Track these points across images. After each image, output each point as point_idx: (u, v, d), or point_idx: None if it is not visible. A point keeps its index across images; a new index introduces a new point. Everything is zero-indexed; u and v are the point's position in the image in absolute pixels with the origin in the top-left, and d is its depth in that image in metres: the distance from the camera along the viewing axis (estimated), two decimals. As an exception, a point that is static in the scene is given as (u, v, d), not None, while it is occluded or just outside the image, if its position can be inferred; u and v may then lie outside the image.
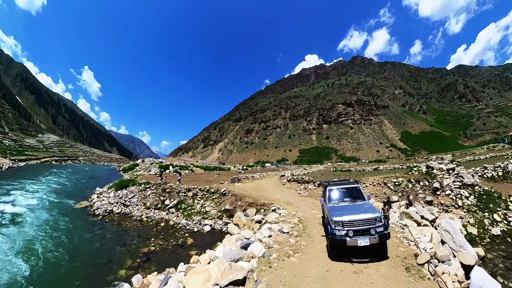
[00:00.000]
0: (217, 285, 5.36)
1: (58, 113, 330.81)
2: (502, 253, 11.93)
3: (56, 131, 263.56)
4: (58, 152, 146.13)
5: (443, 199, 17.48)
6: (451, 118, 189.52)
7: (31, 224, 15.86)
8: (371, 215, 7.52)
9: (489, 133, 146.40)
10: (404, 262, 7.49)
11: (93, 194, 27.23)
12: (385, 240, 7.41)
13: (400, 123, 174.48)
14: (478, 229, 14.36)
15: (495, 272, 10.11)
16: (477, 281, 4.95)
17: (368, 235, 7.22)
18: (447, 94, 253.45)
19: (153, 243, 13.94)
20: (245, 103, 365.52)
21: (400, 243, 9.11)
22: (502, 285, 8.97)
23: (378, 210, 7.75)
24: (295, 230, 10.47)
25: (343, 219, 7.60)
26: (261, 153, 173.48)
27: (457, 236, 10.19)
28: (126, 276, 10.47)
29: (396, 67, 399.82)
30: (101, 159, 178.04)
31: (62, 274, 10.68)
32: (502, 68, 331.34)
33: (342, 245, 7.35)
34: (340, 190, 9.75)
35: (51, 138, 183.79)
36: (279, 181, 28.89)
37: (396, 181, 20.29)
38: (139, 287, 6.74)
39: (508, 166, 21.94)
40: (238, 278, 5.66)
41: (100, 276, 10.65)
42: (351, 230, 7.31)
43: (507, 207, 16.25)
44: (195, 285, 5.15)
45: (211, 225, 16.50)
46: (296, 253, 8.06)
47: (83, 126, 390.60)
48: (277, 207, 15.32)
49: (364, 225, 7.38)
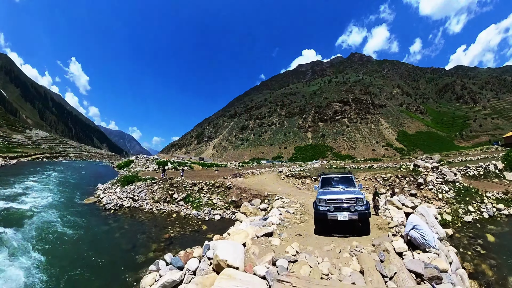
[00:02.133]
0: (255, 236, 8.06)
1: (46, 108, 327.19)
2: (469, 234, 14.68)
3: (44, 127, 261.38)
4: (48, 149, 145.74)
5: (425, 193, 20.35)
6: (448, 119, 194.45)
7: (47, 221, 16.32)
8: (353, 196, 9.15)
9: (485, 135, 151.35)
10: (379, 226, 10.18)
11: (97, 190, 28.96)
12: (365, 217, 8.94)
13: (397, 123, 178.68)
14: (453, 217, 17.24)
15: (458, 245, 12.86)
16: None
17: (348, 212, 8.83)
18: (445, 95, 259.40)
19: (171, 230, 16.03)
20: (240, 99, 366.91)
21: (380, 218, 11.71)
22: (461, 254, 11.85)
23: (363, 195, 9.51)
24: (298, 211, 13.29)
25: (326, 197, 9.35)
26: (256, 150, 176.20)
27: (430, 218, 12.75)
28: (155, 256, 11.69)
29: (395, 66, 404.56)
30: (92, 155, 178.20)
31: (93, 262, 11.55)
32: (500, 70, 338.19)
33: (324, 218, 9.12)
34: (333, 178, 11.44)
35: (39, 134, 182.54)
36: (277, 176, 31.56)
37: (385, 177, 23.38)
38: (184, 255, 9.08)
39: (489, 166, 24.94)
40: (269, 231, 8.77)
41: (130, 259, 11.93)
42: (332, 206, 9.03)
43: (482, 201, 19.32)
44: (239, 239, 7.48)
45: (220, 214, 19.01)
46: (301, 223, 11.12)
47: (71, 121, 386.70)
48: (280, 197, 17.82)
49: (346, 203, 9.02)
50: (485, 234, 14.59)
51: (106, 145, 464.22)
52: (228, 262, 5.64)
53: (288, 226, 10.50)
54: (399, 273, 5.19)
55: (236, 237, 7.53)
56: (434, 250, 6.60)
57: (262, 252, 6.91)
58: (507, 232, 15.07)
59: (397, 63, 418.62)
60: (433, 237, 6.83)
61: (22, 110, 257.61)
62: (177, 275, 7.55)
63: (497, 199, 19.51)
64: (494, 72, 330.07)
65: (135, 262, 11.70)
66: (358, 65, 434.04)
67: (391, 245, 6.67)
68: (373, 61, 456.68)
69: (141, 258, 12.01)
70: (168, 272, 7.85)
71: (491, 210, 18.01)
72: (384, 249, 6.40)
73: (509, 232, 15.07)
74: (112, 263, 11.47)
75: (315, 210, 9.50)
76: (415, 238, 6.78)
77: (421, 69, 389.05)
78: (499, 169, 24.31)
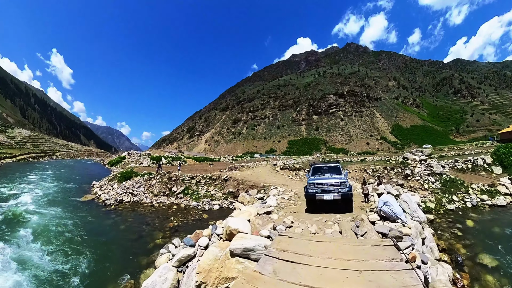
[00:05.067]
0: (258, 214, 9.90)
1: (27, 105, 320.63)
2: (449, 220, 16.11)
3: (27, 125, 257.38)
4: (33, 148, 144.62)
5: (412, 183, 22.36)
6: (444, 113, 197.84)
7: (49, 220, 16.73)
8: (337, 180, 11.16)
9: (482, 130, 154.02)
10: (361, 207, 12.16)
11: (93, 188, 30.12)
12: (347, 198, 11.03)
13: (391, 116, 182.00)
14: (436, 205, 18.96)
15: (437, 228, 14.53)
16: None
17: (333, 193, 10.85)
18: (442, 89, 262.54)
19: (175, 220, 17.55)
20: (231, 91, 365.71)
21: (368, 204, 13.51)
22: (438, 235, 13.68)
23: (347, 180, 11.64)
24: (293, 197, 15.31)
25: (315, 181, 11.39)
26: (250, 144, 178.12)
27: (412, 204, 14.55)
28: (163, 242, 12.84)
29: (392, 58, 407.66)
30: (80, 153, 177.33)
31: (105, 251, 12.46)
32: (501, 65, 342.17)
33: (313, 198, 11.23)
34: (322, 167, 13.54)
35: (22, 133, 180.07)
36: (272, 169, 33.54)
37: (374, 168, 25.50)
38: (194, 236, 10.70)
39: (477, 160, 26.38)
40: (269, 210, 10.80)
41: (140, 246, 13.05)
42: (320, 189, 11.08)
43: (467, 192, 20.75)
44: (244, 216, 9.10)
45: (219, 204, 20.83)
46: (295, 205, 13.37)
47: (56, 118, 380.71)
48: (275, 187, 19.69)
49: (331, 186, 11.03)
50: (465, 220, 15.80)
51: (94, 142, 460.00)
52: (239, 229, 7.34)
53: (284, 207, 12.69)
54: (369, 232, 7.10)
55: (241, 215, 9.21)
56: (400, 221, 8.43)
57: (264, 223, 8.78)
58: (487, 220, 16.05)
59: (394, 55, 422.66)
60: (400, 211, 8.68)
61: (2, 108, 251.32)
62: (190, 250, 9.31)
63: (482, 190, 20.64)
64: (494, 67, 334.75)
65: (145, 248, 12.89)
66: (354, 56, 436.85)
67: (367, 216, 8.67)
68: (370, 52, 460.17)
69: (150, 245, 13.23)
70: (182, 250, 9.59)
71: (475, 200, 19.15)
72: (360, 219, 8.33)
73: (489, 220, 16.02)
74: (123, 251, 12.57)
75: (306, 192, 11.50)
76: (386, 212, 8.65)
77: (419, 62, 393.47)
78: (488, 163, 25.34)
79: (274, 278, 4.87)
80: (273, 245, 6.56)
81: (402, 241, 6.77)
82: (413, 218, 12.81)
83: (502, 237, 13.11)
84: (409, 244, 6.76)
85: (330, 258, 5.55)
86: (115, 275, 10.17)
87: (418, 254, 6.43)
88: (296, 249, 6.21)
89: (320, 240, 6.93)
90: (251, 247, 6.46)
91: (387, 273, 4.85)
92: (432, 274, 6.82)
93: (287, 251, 6.09)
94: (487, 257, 10.80)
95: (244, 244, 6.54)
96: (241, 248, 6.48)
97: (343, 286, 4.53)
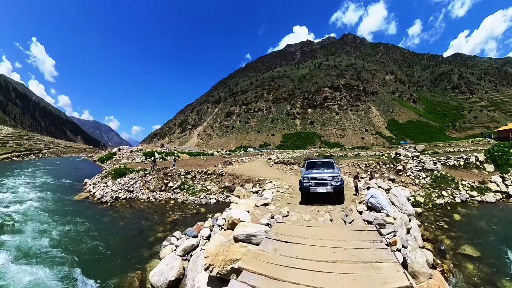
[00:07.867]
0: (256, 206, 10.97)
1: (8, 100, 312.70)
2: (437, 214, 17.08)
3: (8, 121, 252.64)
4: (17, 147, 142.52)
5: (404, 179, 23.71)
6: (441, 109, 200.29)
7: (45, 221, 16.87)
8: (330, 174, 12.19)
9: (480, 127, 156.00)
10: (352, 199, 13.42)
11: (85, 186, 30.85)
12: (338, 190, 12.08)
13: (388, 111, 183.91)
14: (425, 199, 19.91)
15: (424, 220, 15.68)
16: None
17: (325, 186, 11.90)
18: (440, 84, 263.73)
19: (173, 214, 18.53)
20: (224, 83, 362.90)
21: (358, 197, 14.79)
22: (425, 227, 14.91)
23: (339, 174, 12.80)
24: (288, 191, 16.59)
25: (309, 175, 12.38)
26: (243, 137, 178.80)
27: (401, 198, 15.82)
28: (164, 236, 13.58)
29: (390, 50, 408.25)
30: (67, 150, 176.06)
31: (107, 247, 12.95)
32: (502, 61, 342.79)
33: (307, 191, 12.30)
34: (316, 162, 14.75)
35: (4, 130, 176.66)
36: (266, 163, 34.93)
37: (367, 163, 26.96)
38: (196, 227, 11.76)
39: (469, 158, 27.31)
40: (266, 202, 11.90)
41: (141, 240, 13.79)
42: (313, 182, 12.12)
43: (457, 187, 21.77)
44: (243, 208, 10.14)
45: (215, 198, 22.07)
46: (290, 198, 14.67)
47: (39, 114, 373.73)
48: (270, 181, 20.78)
49: (324, 180, 12.06)
50: (452, 214, 16.68)
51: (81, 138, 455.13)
52: (241, 219, 8.46)
53: (280, 200, 14.02)
54: (356, 220, 8.47)
55: (240, 207, 10.33)
56: (386, 211, 9.67)
57: (263, 213, 10.00)
58: (475, 215, 16.78)
59: (392, 47, 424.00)
60: (386, 203, 9.93)
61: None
62: (193, 241, 10.49)
63: (472, 187, 21.43)
64: (495, 63, 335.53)
65: (146, 241, 13.70)
66: (350, 47, 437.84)
67: (355, 207, 10.04)
68: (367, 44, 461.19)
69: (151, 238, 14.10)
70: (186, 240, 10.77)
71: (464, 196, 19.96)
72: (349, 209, 9.68)
73: (477, 215, 16.71)
74: (125, 246, 13.22)
75: (300, 185, 12.66)
76: (372, 203, 9.92)
77: (417, 55, 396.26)
78: (480, 161, 25.84)
79: (275, 254, 6.16)
80: (273, 230, 7.79)
81: (385, 228, 7.98)
82: (401, 211, 13.94)
83: (487, 231, 13.89)
84: (391, 231, 7.95)
85: (321, 239, 6.89)
86: (120, 268, 10.96)
87: (399, 239, 7.61)
88: (292, 233, 7.48)
89: (313, 226, 8.25)
90: (253, 233, 7.59)
91: (368, 250, 6.16)
92: (411, 257, 8.00)
93: (285, 234, 7.35)
94: (469, 248, 11.66)
95: (246, 230, 7.67)
96: (244, 234, 7.59)
97: (331, 258, 5.81)
